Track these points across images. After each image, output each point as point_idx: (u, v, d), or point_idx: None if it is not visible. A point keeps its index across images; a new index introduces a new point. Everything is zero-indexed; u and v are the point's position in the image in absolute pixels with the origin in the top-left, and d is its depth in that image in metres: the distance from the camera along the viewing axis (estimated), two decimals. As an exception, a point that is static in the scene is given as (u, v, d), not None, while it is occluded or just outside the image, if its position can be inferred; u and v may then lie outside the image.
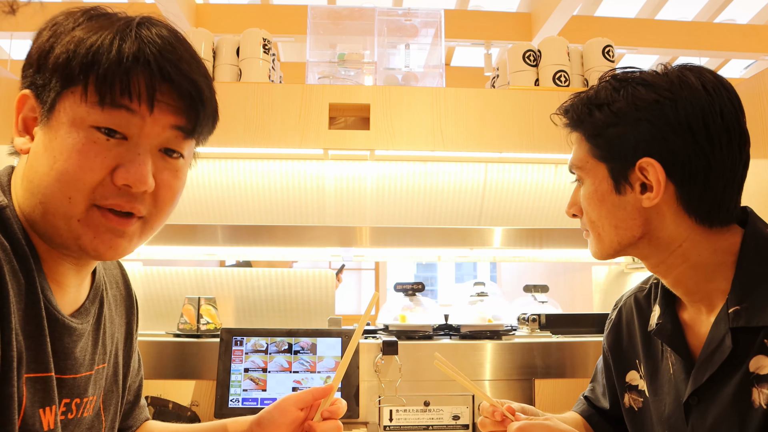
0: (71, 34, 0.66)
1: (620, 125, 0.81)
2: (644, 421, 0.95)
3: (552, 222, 2.02)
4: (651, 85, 0.81)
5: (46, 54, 0.66)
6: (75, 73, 0.65)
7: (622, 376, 1.00)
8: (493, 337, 1.70)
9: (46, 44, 0.66)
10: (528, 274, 4.40)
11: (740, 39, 3.86)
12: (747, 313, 0.78)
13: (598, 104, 0.85)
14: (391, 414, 1.60)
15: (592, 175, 0.87)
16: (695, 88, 0.79)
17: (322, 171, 1.93)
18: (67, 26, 0.67)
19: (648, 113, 0.80)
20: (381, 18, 1.96)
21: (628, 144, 0.81)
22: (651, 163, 0.79)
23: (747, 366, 0.78)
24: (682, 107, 0.78)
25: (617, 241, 0.86)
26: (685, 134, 0.78)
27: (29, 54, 0.68)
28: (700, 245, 0.83)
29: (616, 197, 0.84)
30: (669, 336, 0.90)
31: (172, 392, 1.60)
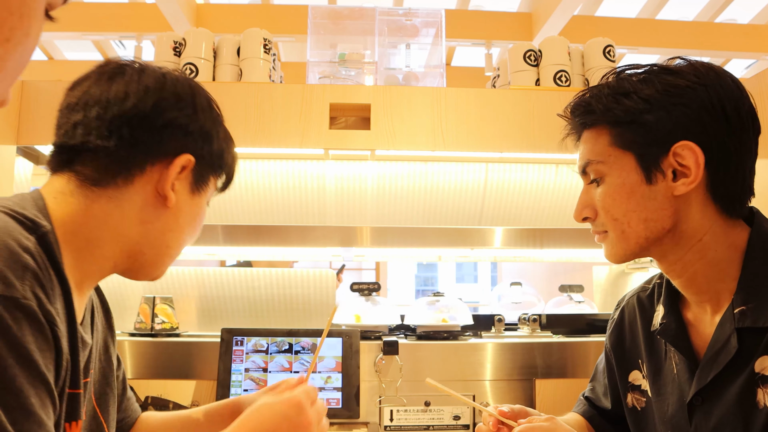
0: (232, 146, 0.90)
1: (654, 111, 0.80)
2: (647, 421, 0.95)
3: (553, 222, 2.02)
4: (677, 72, 0.81)
5: (222, 151, 0.86)
6: (230, 172, 0.89)
7: (624, 376, 1.00)
8: (449, 338, 1.70)
9: (221, 142, 0.86)
10: (529, 274, 4.39)
11: (741, 39, 3.85)
12: (753, 313, 0.78)
13: (624, 93, 0.83)
14: (392, 414, 1.60)
15: (618, 167, 0.83)
16: (722, 74, 0.81)
17: (322, 171, 1.93)
18: (227, 133, 0.89)
19: (682, 98, 0.79)
20: (381, 18, 1.96)
21: (665, 128, 0.79)
22: (689, 146, 0.78)
23: (752, 366, 0.77)
24: (713, 92, 0.79)
25: (645, 236, 0.83)
26: (720, 118, 0.78)
27: (205, 129, 0.82)
28: (719, 238, 0.82)
29: (647, 187, 0.81)
30: (673, 336, 0.89)
31: (172, 392, 1.60)
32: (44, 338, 0.61)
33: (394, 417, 1.60)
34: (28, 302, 0.60)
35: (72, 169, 0.76)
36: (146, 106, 0.77)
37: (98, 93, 0.76)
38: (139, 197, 0.77)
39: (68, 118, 0.77)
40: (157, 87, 0.78)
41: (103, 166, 0.75)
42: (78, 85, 0.79)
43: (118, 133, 0.75)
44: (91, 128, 0.75)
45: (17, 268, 0.60)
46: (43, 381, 0.59)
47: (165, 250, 0.82)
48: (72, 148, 0.76)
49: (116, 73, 0.79)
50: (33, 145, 1.68)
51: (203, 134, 0.82)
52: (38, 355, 0.59)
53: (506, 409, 0.93)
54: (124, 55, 0.83)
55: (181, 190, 0.81)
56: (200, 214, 0.86)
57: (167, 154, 0.78)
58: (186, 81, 0.83)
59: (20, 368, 0.57)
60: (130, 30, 3.62)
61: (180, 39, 1.81)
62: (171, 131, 0.78)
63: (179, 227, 0.82)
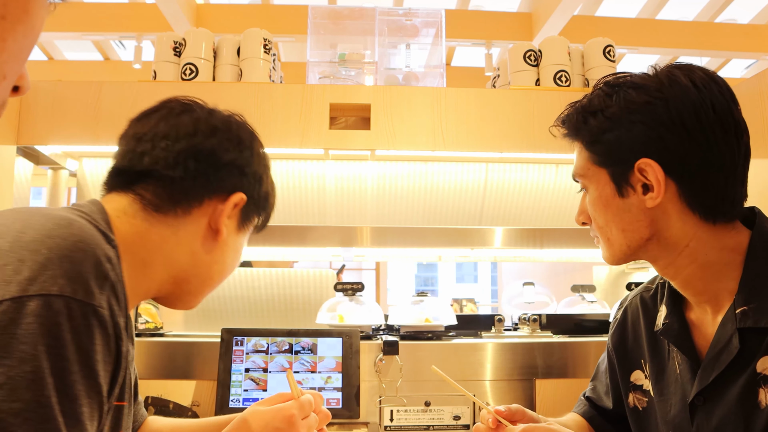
0: (274, 190, 0.95)
1: (615, 130, 0.83)
2: (649, 421, 0.95)
3: (553, 222, 2.02)
4: (641, 87, 0.82)
5: (267, 194, 0.91)
6: (268, 213, 0.94)
7: (626, 376, 1.00)
8: (432, 338, 1.70)
9: (268, 185, 0.92)
10: (529, 274, 4.39)
11: (741, 39, 3.86)
12: (755, 313, 0.78)
13: (592, 111, 0.86)
14: (392, 414, 1.60)
15: (595, 181, 0.87)
16: (684, 85, 0.80)
17: (322, 171, 1.93)
18: (271, 178, 0.93)
19: (641, 115, 0.81)
20: (381, 18, 1.96)
21: (625, 147, 0.82)
22: (649, 164, 0.80)
23: (754, 367, 0.78)
24: (673, 105, 0.79)
25: (626, 244, 0.86)
26: (680, 131, 0.79)
27: (258, 172, 0.88)
28: (707, 243, 0.83)
29: (620, 200, 0.85)
30: (676, 336, 0.90)
31: (172, 392, 1.60)
32: (108, 350, 0.62)
33: (394, 417, 1.60)
34: (104, 312, 0.61)
35: (134, 191, 0.79)
36: (213, 144, 0.82)
37: (167, 128, 0.81)
38: (193, 228, 0.82)
39: (135, 147, 0.81)
40: (224, 128, 0.85)
41: (166, 194, 0.79)
42: (145, 118, 0.84)
43: (184, 165, 0.80)
44: (158, 158, 0.79)
45: (99, 277, 0.62)
46: (98, 392, 0.61)
47: (208, 281, 0.87)
48: (137, 172, 0.80)
49: (185, 111, 0.84)
50: (33, 145, 1.68)
51: (256, 177, 0.87)
52: (100, 366, 0.61)
53: (503, 408, 0.94)
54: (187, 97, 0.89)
55: (230, 226, 0.86)
56: (241, 249, 0.91)
57: (224, 191, 0.83)
58: (247, 127, 0.89)
59: (82, 375, 0.59)
60: (130, 30, 3.62)
61: (180, 39, 1.81)
62: (230, 170, 0.84)
63: (224, 261, 0.87)
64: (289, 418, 0.84)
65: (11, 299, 0.56)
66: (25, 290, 0.57)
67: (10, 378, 0.54)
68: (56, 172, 1.92)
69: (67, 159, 1.90)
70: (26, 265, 0.58)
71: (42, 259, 0.59)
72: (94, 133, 1.64)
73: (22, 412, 0.54)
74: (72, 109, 1.65)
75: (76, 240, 0.62)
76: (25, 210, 0.67)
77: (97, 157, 1.90)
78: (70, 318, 0.58)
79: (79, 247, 0.62)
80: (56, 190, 1.93)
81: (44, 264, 0.59)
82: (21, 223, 0.63)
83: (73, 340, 0.58)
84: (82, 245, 0.62)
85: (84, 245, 0.62)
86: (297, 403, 0.87)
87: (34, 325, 0.56)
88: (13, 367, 0.54)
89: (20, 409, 0.54)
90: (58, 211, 0.68)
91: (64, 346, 0.57)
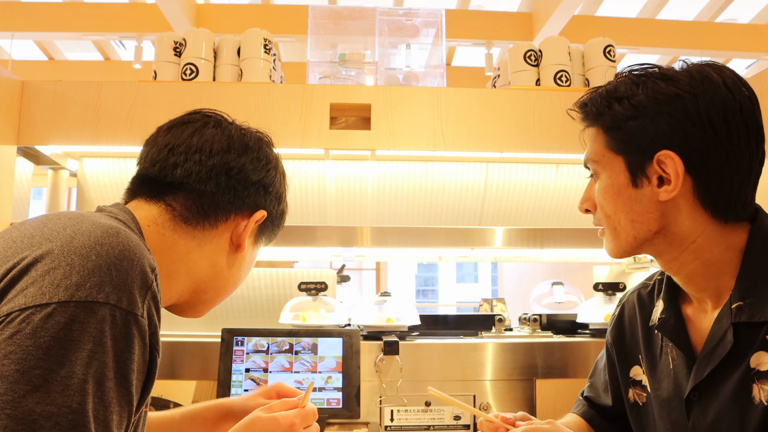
0: (287, 209, 0.98)
1: (640, 118, 0.82)
2: (648, 416, 0.96)
3: (553, 222, 2.01)
4: (671, 79, 0.82)
5: (283, 212, 0.96)
6: (278, 231, 0.97)
7: (625, 372, 1.01)
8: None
9: (285, 204, 0.96)
10: (529, 274, 4.39)
11: (741, 39, 3.86)
12: (750, 308, 0.79)
13: (618, 97, 0.85)
14: (392, 414, 1.60)
15: (609, 168, 0.86)
16: (716, 83, 0.80)
17: (323, 171, 1.93)
18: (287, 200, 0.98)
19: (668, 107, 0.80)
20: (382, 18, 1.96)
21: (648, 137, 0.81)
22: (670, 156, 0.80)
23: (748, 362, 0.78)
24: (702, 101, 0.79)
25: (633, 235, 0.85)
26: (705, 128, 0.78)
27: (280, 192, 0.93)
28: (714, 241, 0.83)
29: (633, 191, 0.84)
30: (671, 330, 0.90)
31: (173, 392, 1.60)
32: (143, 360, 0.63)
33: (394, 417, 1.60)
34: (144, 321, 0.63)
35: (164, 201, 0.81)
36: (245, 162, 0.85)
37: (200, 142, 0.84)
38: (217, 241, 0.85)
39: (167, 158, 0.82)
40: (256, 147, 0.88)
41: (195, 207, 0.82)
42: (177, 128, 0.86)
43: (216, 180, 0.82)
44: (191, 171, 0.82)
45: (143, 287, 0.63)
46: (128, 402, 0.62)
47: (222, 292, 0.89)
48: (168, 183, 0.81)
49: (217, 126, 0.87)
50: (33, 145, 1.69)
51: (278, 196, 0.92)
52: (134, 375, 0.62)
53: (510, 416, 0.95)
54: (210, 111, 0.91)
55: (248, 240, 0.88)
56: (253, 262, 0.95)
57: (249, 207, 0.86)
58: (272, 148, 0.93)
59: (116, 382, 0.60)
60: (131, 30, 3.62)
61: (180, 39, 1.81)
62: (258, 188, 0.87)
63: (239, 273, 0.90)
64: (291, 427, 0.86)
65: (58, 303, 0.57)
66: (72, 295, 0.58)
67: (48, 381, 0.55)
68: (56, 173, 1.92)
69: (68, 159, 1.90)
70: (75, 270, 0.60)
71: (90, 266, 0.60)
72: (94, 133, 1.64)
73: (54, 416, 0.54)
74: (72, 109, 1.65)
75: (123, 249, 0.64)
76: (72, 215, 0.69)
77: (98, 157, 1.90)
78: (113, 326, 0.59)
79: (126, 257, 0.63)
80: (56, 191, 1.93)
81: (92, 270, 0.60)
82: (71, 229, 0.64)
83: (113, 348, 0.59)
84: (128, 254, 0.64)
85: (131, 254, 0.64)
86: (300, 412, 0.88)
87: (78, 330, 0.57)
88: (52, 370, 0.55)
89: (52, 413, 0.54)
90: (105, 219, 0.70)
91: (105, 353, 0.58)
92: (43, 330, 0.56)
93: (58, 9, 3.66)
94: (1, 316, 0.57)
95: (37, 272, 0.60)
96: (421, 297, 13.05)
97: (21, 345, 0.55)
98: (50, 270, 0.59)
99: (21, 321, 0.56)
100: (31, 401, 0.54)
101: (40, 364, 0.55)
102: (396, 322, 1.72)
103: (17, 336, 0.56)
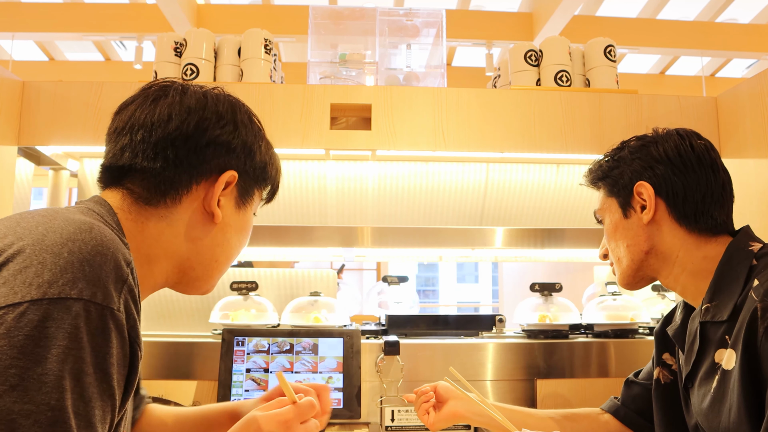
0: (274, 158, 0.92)
1: (621, 167, 1.10)
2: (667, 394, 1.12)
3: (554, 222, 2.02)
4: (641, 138, 1.10)
5: (265, 164, 0.88)
6: (274, 183, 0.92)
7: (660, 354, 1.17)
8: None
9: (265, 156, 0.88)
10: (530, 274, 4.39)
11: (742, 38, 3.85)
12: (714, 309, 0.95)
13: (607, 160, 1.14)
14: (393, 414, 1.60)
15: (609, 211, 1.11)
16: (671, 133, 1.07)
17: (323, 171, 1.93)
18: (269, 145, 0.91)
19: (639, 153, 1.08)
20: (382, 18, 1.96)
21: (627, 177, 1.08)
22: (643, 185, 1.05)
23: (714, 357, 0.93)
24: (660, 145, 1.06)
25: (630, 258, 1.06)
26: (665, 162, 1.04)
27: (247, 144, 0.85)
28: (692, 253, 1.02)
29: (625, 221, 1.08)
30: (674, 330, 1.08)
31: (173, 392, 1.60)
32: (123, 354, 0.63)
33: (395, 417, 1.60)
34: (120, 315, 0.62)
35: (123, 186, 0.79)
36: (189, 127, 0.80)
37: (143, 117, 0.80)
38: (187, 215, 0.81)
39: (116, 143, 0.80)
40: (199, 107, 0.81)
41: (152, 186, 0.78)
42: (123, 110, 0.83)
43: (163, 155, 0.78)
44: (137, 151, 0.78)
45: (118, 280, 0.62)
46: (110, 396, 0.61)
47: (214, 264, 0.85)
48: (121, 168, 0.79)
49: (159, 96, 0.82)
50: (34, 145, 1.69)
51: (245, 149, 0.84)
52: (115, 369, 0.61)
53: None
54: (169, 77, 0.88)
55: (227, 206, 0.84)
56: (247, 227, 0.89)
57: (212, 172, 0.81)
58: (226, 99, 0.85)
59: (97, 378, 0.59)
60: (131, 30, 3.62)
61: (181, 39, 1.81)
62: (214, 149, 0.81)
63: (227, 242, 0.85)
64: (286, 423, 0.84)
65: (31, 301, 0.57)
66: (45, 293, 0.57)
67: (24, 379, 0.55)
68: (57, 173, 1.93)
69: (68, 159, 1.91)
70: (47, 268, 0.59)
71: (63, 263, 0.60)
72: (95, 134, 1.64)
73: (33, 414, 0.54)
74: (73, 110, 1.65)
75: (96, 244, 0.63)
76: (45, 212, 0.68)
77: (98, 157, 1.90)
78: (88, 321, 0.59)
79: (99, 251, 0.62)
80: (57, 191, 1.93)
81: (64, 267, 0.59)
82: (43, 227, 0.63)
83: (90, 343, 0.59)
84: (101, 249, 0.63)
85: (104, 249, 0.63)
86: (294, 408, 0.86)
87: (52, 327, 0.57)
88: (28, 368, 0.55)
89: (31, 411, 0.54)
90: (78, 215, 0.68)
91: (81, 348, 0.58)
92: (16, 329, 0.56)
93: (59, 9, 3.66)
94: None
95: (8, 272, 0.59)
96: (422, 297, 13.05)
97: None
98: (22, 269, 0.59)
99: None
100: (8, 400, 0.53)
101: (15, 363, 0.55)
102: (323, 321, 1.74)
103: None
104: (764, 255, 0.94)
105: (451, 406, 1.21)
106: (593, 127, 1.70)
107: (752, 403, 0.83)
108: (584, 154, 1.70)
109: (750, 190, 1.53)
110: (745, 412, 0.83)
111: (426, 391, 1.24)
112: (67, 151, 1.87)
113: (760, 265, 0.92)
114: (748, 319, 0.85)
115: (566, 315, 1.80)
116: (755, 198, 1.52)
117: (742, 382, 0.84)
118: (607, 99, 1.72)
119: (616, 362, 1.73)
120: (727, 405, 0.87)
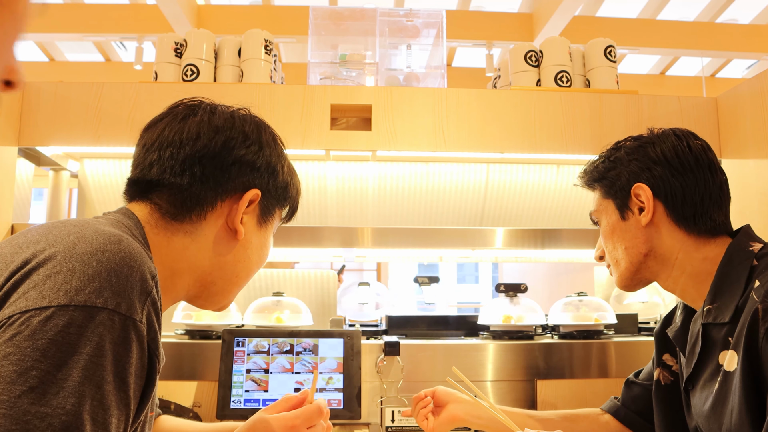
0: (295, 178, 0.94)
1: (617, 168, 1.08)
2: (667, 395, 1.11)
3: (554, 222, 2.02)
4: (637, 138, 1.08)
5: (286, 184, 0.91)
6: (294, 203, 0.94)
7: (660, 355, 1.17)
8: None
9: (287, 176, 0.91)
10: (530, 274, 4.39)
11: (742, 39, 3.85)
12: (716, 311, 0.93)
13: (603, 161, 1.12)
14: (393, 415, 1.60)
15: (605, 213, 1.09)
16: (667, 134, 1.06)
17: (323, 172, 1.93)
18: (291, 166, 0.94)
19: (636, 155, 1.06)
20: (382, 19, 1.96)
21: (624, 178, 1.06)
22: (641, 187, 1.03)
23: (717, 359, 0.92)
24: (658, 146, 1.04)
25: (629, 260, 1.05)
26: (663, 163, 1.03)
27: (271, 164, 0.87)
28: (692, 255, 1.00)
29: (623, 223, 1.06)
30: (674, 331, 1.06)
31: (174, 393, 1.60)
32: (141, 365, 0.64)
33: (395, 417, 1.60)
34: (143, 327, 0.63)
35: (151, 200, 0.81)
36: (216, 145, 0.82)
37: (171, 134, 0.82)
38: (211, 231, 0.83)
39: (144, 158, 0.83)
40: (226, 126, 0.84)
41: (179, 201, 0.81)
42: (152, 127, 0.85)
43: (190, 171, 0.81)
44: (165, 166, 0.81)
45: (143, 293, 0.64)
46: (126, 406, 0.62)
47: (235, 280, 0.87)
48: (149, 182, 0.81)
49: (188, 115, 0.84)
50: (34, 146, 1.69)
51: (269, 169, 0.87)
52: (133, 379, 0.62)
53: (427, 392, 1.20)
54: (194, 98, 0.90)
55: (249, 223, 0.86)
56: (267, 245, 0.92)
57: (236, 190, 0.84)
58: (253, 119, 0.88)
59: (115, 386, 0.60)
60: (131, 31, 3.62)
61: (181, 40, 1.81)
62: (239, 168, 0.83)
63: (248, 258, 0.88)
64: (292, 429, 0.86)
65: (58, 306, 0.58)
66: (71, 299, 0.59)
67: (43, 382, 0.56)
68: (57, 173, 1.93)
69: (69, 160, 1.90)
70: (76, 276, 0.61)
71: (91, 272, 0.61)
72: (95, 134, 1.64)
73: (48, 417, 0.55)
74: (73, 110, 1.65)
75: (124, 256, 0.64)
76: (77, 222, 0.69)
77: (99, 158, 1.90)
78: (112, 330, 0.60)
79: (127, 263, 0.64)
80: (57, 192, 1.93)
81: (92, 276, 0.61)
82: (75, 236, 0.65)
83: (111, 351, 0.60)
84: (129, 261, 0.64)
85: (131, 261, 0.64)
86: (301, 412, 0.88)
87: (76, 333, 0.58)
88: (48, 371, 0.56)
89: (46, 414, 0.55)
90: (108, 227, 0.70)
91: (103, 356, 0.59)
92: (41, 332, 0.57)
93: (59, 10, 3.66)
94: (3, 319, 0.58)
95: (39, 276, 0.61)
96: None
97: (19, 347, 0.56)
98: (52, 275, 0.60)
99: (21, 323, 0.57)
100: (26, 401, 0.54)
101: (37, 366, 0.56)
102: (286, 322, 1.74)
103: (16, 338, 0.56)
104: (765, 255, 0.93)
105: (451, 410, 1.20)
106: (593, 127, 1.70)
107: (753, 404, 0.82)
108: (584, 155, 1.70)
109: (750, 190, 1.53)
110: (747, 413, 0.82)
111: (422, 397, 1.23)
112: (68, 152, 1.87)
113: (760, 266, 0.91)
114: (749, 320, 0.84)
115: (531, 316, 1.80)
116: (755, 198, 1.52)
117: (743, 384, 0.83)
118: (607, 99, 1.72)
119: (616, 363, 1.73)
120: (728, 407, 0.87)
